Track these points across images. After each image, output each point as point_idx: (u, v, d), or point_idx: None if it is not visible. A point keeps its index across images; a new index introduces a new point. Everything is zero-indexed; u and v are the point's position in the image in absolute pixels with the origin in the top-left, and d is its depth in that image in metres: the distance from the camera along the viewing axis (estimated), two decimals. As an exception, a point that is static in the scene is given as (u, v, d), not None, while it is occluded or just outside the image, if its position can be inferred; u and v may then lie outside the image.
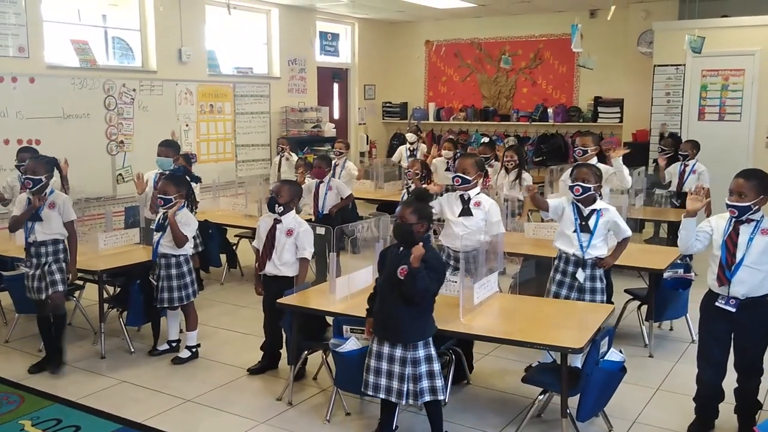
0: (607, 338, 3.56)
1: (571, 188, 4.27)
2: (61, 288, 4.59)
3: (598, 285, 4.28)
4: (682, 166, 7.23)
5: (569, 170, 6.34)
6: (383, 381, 3.46)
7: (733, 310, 3.48)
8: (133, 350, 5.02)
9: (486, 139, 8.47)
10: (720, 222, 3.57)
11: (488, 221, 4.52)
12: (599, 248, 4.26)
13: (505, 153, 7.03)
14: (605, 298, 4.35)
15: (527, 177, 6.77)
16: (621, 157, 5.94)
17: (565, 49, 9.90)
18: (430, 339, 3.47)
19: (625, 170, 5.93)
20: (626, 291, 5.40)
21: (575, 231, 4.25)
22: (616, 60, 10.35)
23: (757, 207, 3.43)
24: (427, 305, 3.44)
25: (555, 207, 4.41)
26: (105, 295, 5.12)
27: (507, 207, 5.74)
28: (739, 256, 3.47)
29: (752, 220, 3.47)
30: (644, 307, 5.10)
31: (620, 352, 3.64)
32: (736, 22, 8.81)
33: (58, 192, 4.68)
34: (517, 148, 7.49)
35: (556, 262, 4.40)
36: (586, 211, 4.24)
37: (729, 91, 8.93)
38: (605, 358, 3.54)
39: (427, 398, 3.44)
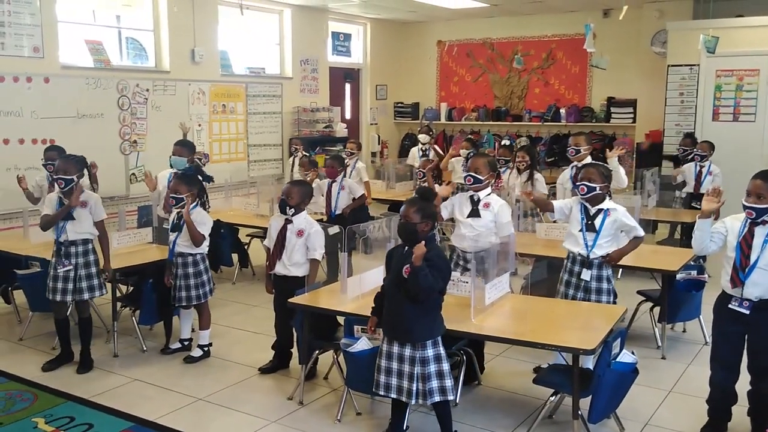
0: (619, 339, 3.54)
1: (576, 187, 4.28)
2: (87, 296, 4.63)
3: (605, 286, 4.26)
4: (698, 167, 7.19)
5: (565, 172, 6.36)
6: (394, 380, 3.46)
7: (747, 312, 3.46)
8: (145, 349, 5.05)
9: (506, 142, 8.44)
10: (735, 223, 3.55)
11: (498, 222, 4.49)
12: (606, 248, 4.24)
13: (517, 153, 7.01)
14: (612, 299, 4.32)
15: (539, 177, 6.74)
16: (617, 158, 5.92)
17: (578, 49, 9.86)
18: (439, 338, 3.47)
19: (621, 170, 5.93)
20: (639, 292, 5.38)
21: (581, 230, 4.24)
22: (630, 60, 10.29)
23: None
24: (433, 304, 3.44)
25: (560, 208, 4.40)
26: (118, 294, 5.16)
27: (519, 208, 5.72)
28: (753, 258, 3.44)
29: (767, 222, 3.44)
30: (657, 309, 5.07)
31: (632, 353, 3.61)
32: (751, 22, 8.73)
33: (88, 191, 4.69)
34: (529, 148, 7.46)
35: (565, 262, 4.40)
36: (592, 210, 4.23)
37: (743, 92, 8.85)
38: (617, 359, 3.52)
39: (437, 398, 3.44)
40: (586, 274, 4.23)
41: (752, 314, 3.46)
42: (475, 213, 4.50)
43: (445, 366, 3.45)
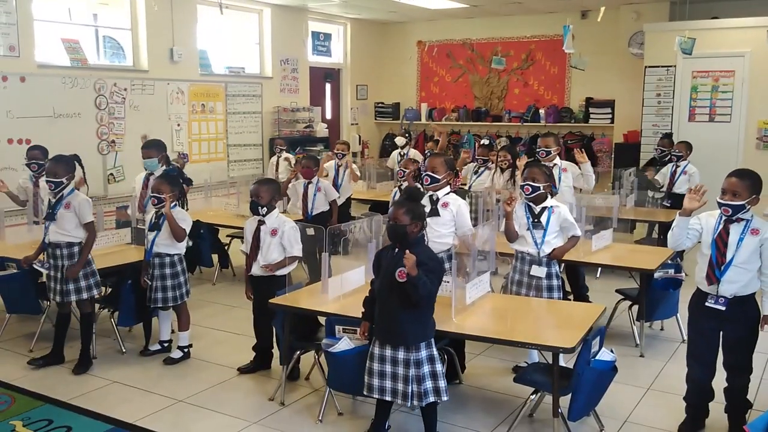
0: (598, 338, 3.58)
1: (521, 187, 4.36)
2: (76, 297, 4.59)
3: (555, 282, 4.35)
4: (674, 167, 7.28)
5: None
6: (388, 383, 3.45)
7: (723, 308, 3.51)
8: (124, 350, 5.00)
9: (485, 141, 8.50)
10: (710, 220, 3.59)
11: (458, 222, 4.45)
12: (553, 245, 4.32)
13: (499, 153, 7.07)
14: (562, 296, 4.43)
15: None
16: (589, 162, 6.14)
17: (557, 50, 9.94)
18: (432, 340, 3.47)
19: (593, 176, 6.13)
20: (617, 291, 5.43)
21: (528, 229, 4.31)
22: (608, 61, 10.38)
23: (749, 206, 3.46)
24: (428, 306, 3.44)
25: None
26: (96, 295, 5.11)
27: (499, 207, 5.74)
28: (729, 255, 3.49)
29: (742, 220, 3.49)
30: (635, 307, 5.12)
31: (611, 351, 3.65)
32: (727, 24, 8.87)
33: (77, 192, 4.62)
34: (511, 148, 7.53)
35: (513, 262, 4.47)
36: (537, 209, 4.32)
37: (719, 93, 8.98)
38: (596, 357, 3.56)
39: (431, 399, 3.44)
40: (537, 270, 4.30)
41: (727, 310, 3.51)
42: (434, 212, 4.44)
43: (438, 367, 3.46)
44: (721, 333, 3.60)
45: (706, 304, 3.56)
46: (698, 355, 3.68)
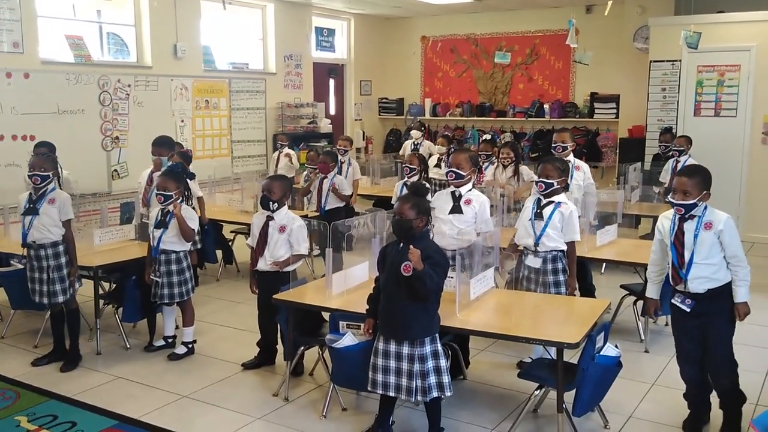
0: (603, 333, 3.57)
1: (536, 183, 4.35)
2: (63, 298, 4.59)
3: (561, 278, 4.31)
4: (674, 163, 7.25)
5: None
6: (392, 379, 3.46)
7: (688, 309, 3.51)
8: (128, 346, 5.01)
9: (487, 137, 8.49)
10: (665, 223, 3.61)
11: (479, 219, 4.45)
12: (553, 239, 4.26)
13: (501, 150, 7.04)
14: (569, 290, 4.40)
15: (525, 170, 6.79)
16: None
17: (561, 44, 9.90)
18: (437, 335, 3.47)
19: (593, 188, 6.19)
20: (622, 287, 5.42)
21: (530, 219, 4.30)
22: (612, 56, 10.34)
23: (700, 204, 3.46)
24: (434, 301, 3.44)
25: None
26: (100, 291, 5.12)
27: (503, 203, 5.73)
28: (687, 255, 3.48)
29: (694, 216, 3.48)
30: (640, 303, 5.11)
31: (616, 347, 3.64)
32: (732, 18, 8.81)
33: (59, 190, 4.64)
34: (513, 144, 7.52)
35: (522, 258, 4.45)
36: (544, 201, 4.30)
37: (725, 87, 8.92)
38: (601, 353, 3.55)
39: (435, 394, 3.44)
40: (531, 261, 4.27)
41: (701, 305, 3.49)
42: (457, 209, 4.44)
43: (442, 362, 3.46)
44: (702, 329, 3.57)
45: (672, 301, 3.57)
46: (686, 354, 3.66)
